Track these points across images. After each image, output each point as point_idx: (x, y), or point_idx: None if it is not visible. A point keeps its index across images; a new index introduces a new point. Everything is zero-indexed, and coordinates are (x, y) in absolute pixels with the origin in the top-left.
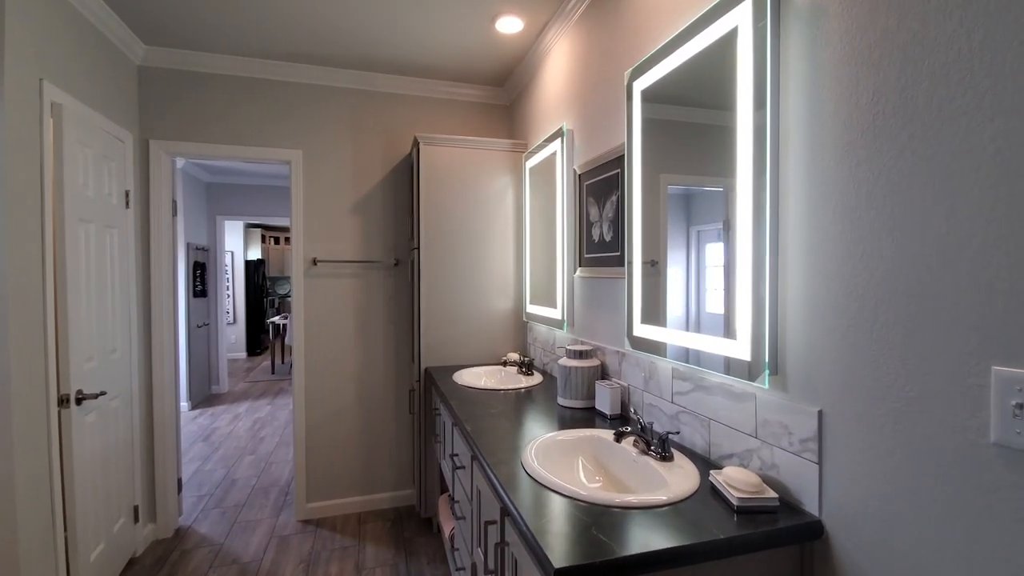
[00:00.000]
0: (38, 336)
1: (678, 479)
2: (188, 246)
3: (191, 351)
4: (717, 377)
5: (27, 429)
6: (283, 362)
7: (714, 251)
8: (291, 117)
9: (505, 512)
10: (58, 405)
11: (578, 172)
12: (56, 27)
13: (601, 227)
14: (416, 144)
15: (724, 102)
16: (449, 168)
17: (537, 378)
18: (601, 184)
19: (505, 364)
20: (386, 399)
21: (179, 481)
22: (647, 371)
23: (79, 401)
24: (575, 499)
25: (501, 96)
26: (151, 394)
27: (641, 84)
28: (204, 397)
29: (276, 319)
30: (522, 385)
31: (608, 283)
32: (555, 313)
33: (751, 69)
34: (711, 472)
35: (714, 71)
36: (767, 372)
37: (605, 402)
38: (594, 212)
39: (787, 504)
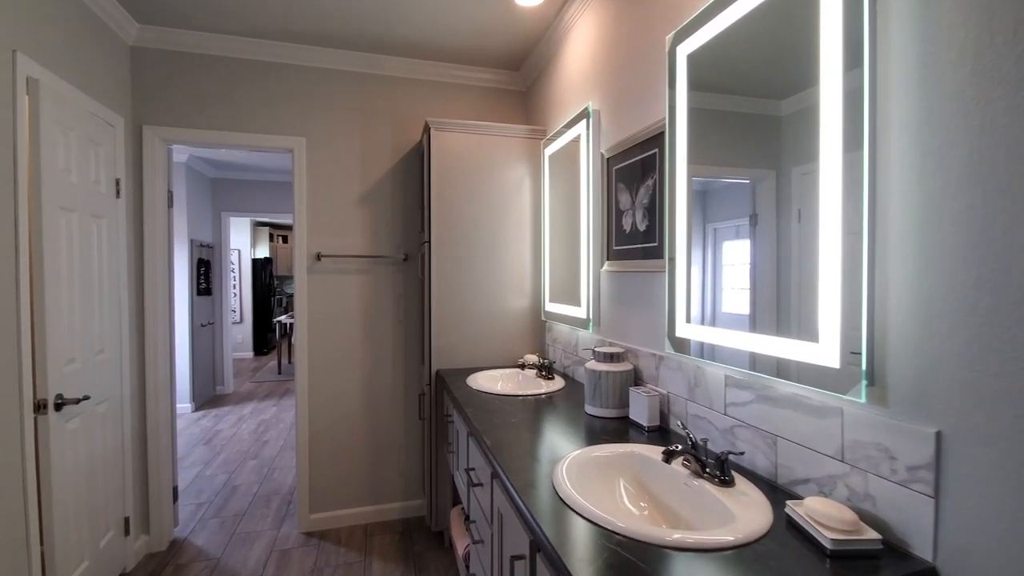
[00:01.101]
0: (10, 336)
1: (746, 511)
2: (192, 243)
3: (195, 351)
4: (789, 387)
5: None
6: (290, 362)
7: (734, 249)
8: (294, 102)
9: (536, 547)
10: (34, 411)
11: (606, 156)
12: None
13: (633, 216)
14: (427, 130)
15: (790, 69)
16: (462, 156)
17: (559, 382)
18: (634, 168)
19: (523, 367)
20: (394, 403)
21: (175, 490)
22: (692, 377)
23: (59, 407)
24: (624, 536)
25: (516, 81)
26: (144, 397)
27: (687, 48)
28: (208, 398)
29: (283, 318)
30: (543, 390)
31: (642, 278)
32: (579, 312)
33: (839, 19)
34: (787, 503)
35: (778, 29)
36: (864, 383)
37: (641, 412)
38: (625, 199)
39: (889, 546)
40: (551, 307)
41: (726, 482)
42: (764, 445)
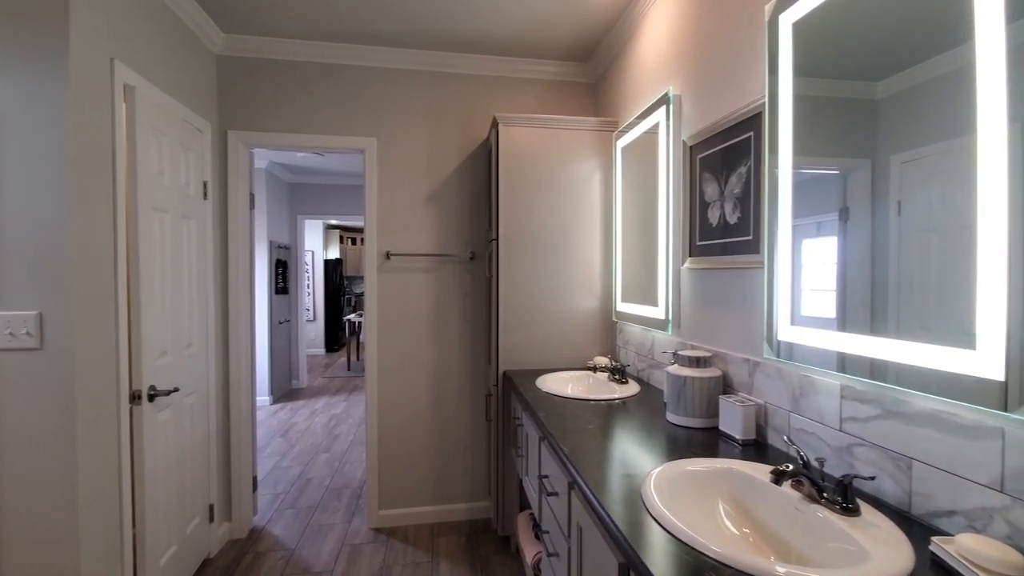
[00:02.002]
0: (109, 330)
1: (880, 547)
2: (271, 244)
3: (273, 347)
4: (929, 401)
5: (95, 427)
6: (358, 359)
7: (813, 248)
8: (365, 103)
9: (628, 570)
10: (130, 402)
11: (689, 144)
12: (129, 6)
13: (722, 207)
14: (495, 125)
15: (914, 35)
16: (530, 151)
17: (632, 387)
18: (723, 155)
19: (594, 370)
20: (460, 403)
21: (254, 479)
22: (797, 387)
23: (151, 398)
24: (733, 568)
25: (585, 72)
26: (228, 390)
27: (792, 14)
28: (285, 392)
29: (352, 317)
30: (616, 395)
31: (732, 275)
32: (655, 312)
33: None
34: (933, 540)
35: None
36: None
37: (734, 423)
38: (711, 190)
39: None
40: (623, 307)
41: (849, 510)
42: (894, 468)
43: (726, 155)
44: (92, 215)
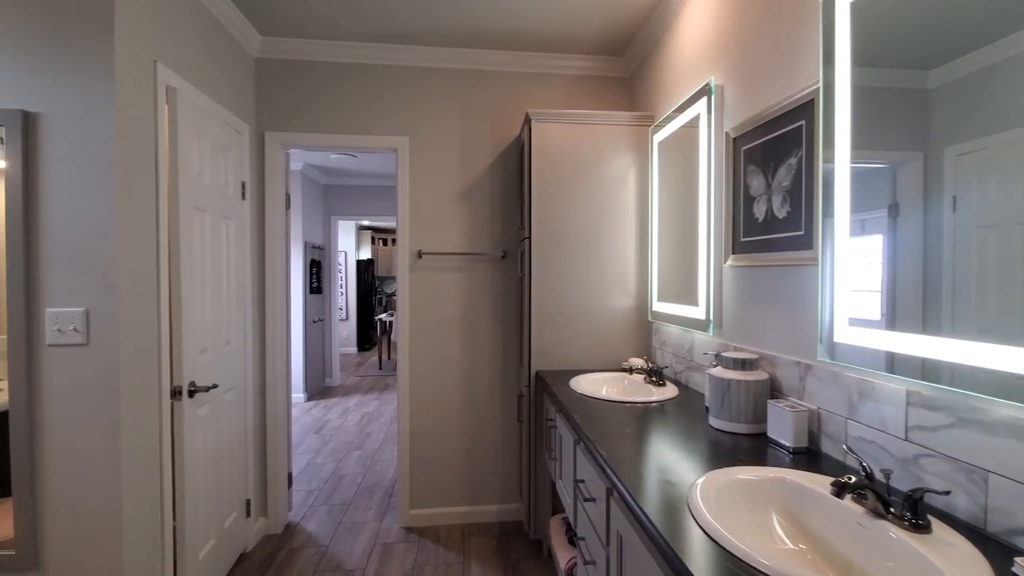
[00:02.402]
0: (151, 327)
1: (955, 567)
2: (306, 244)
3: (307, 345)
4: (1011, 409)
5: (137, 422)
6: (389, 358)
7: (858, 246)
8: (397, 103)
9: None
10: (171, 397)
11: (732, 136)
12: (171, 9)
13: (769, 201)
14: (527, 121)
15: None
16: (563, 147)
17: (671, 389)
18: (770, 146)
19: (630, 371)
20: (492, 404)
21: (289, 476)
22: (855, 392)
23: (191, 393)
24: None
25: (619, 67)
26: (264, 388)
27: None
28: (319, 389)
29: (383, 316)
30: (653, 398)
31: (780, 273)
32: (695, 312)
33: None
34: (1017, 561)
35: None
36: None
37: (784, 429)
38: (757, 183)
39: None
40: (659, 307)
41: (920, 527)
42: (967, 482)
43: (774, 146)
44: (135, 214)
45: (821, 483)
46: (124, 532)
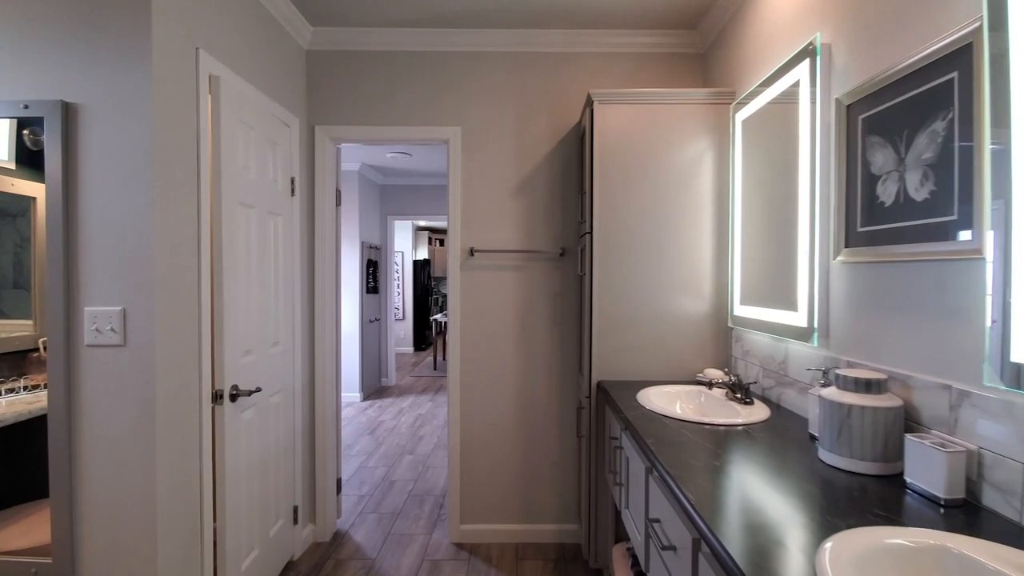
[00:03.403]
0: (191, 328)
1: None
2: (362, 244)
3: (363, 345)
4: None
5: (175, 427)
6: (444, 359)
7: None
8: (449, 91)
9: None
10: (212, 401)
11: (844, 103)
12: None
13: (902, 180)
14: (589, 104)
15: None
16: (629, 131)
17: (760, 410)
18: (902, 110)
19: (709, 386)
20: (548, 414)
21: (339, 481)
22: None
23: (233, 397)
24: None
25: (692, 41)
26: (313, 390)
27: None
28: (374, 389)
29: (439, 316)
30: (740, 420)
31: (917, 269)
32: (792, 318)
33: None
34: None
35: None
36: None
37: (932, 474)
38: (883, 158)
39: None
40: (743, 311)
41: None
42: None
43: (907, 110)
44: (174, 209)
45: (1003, 559)
46: (160, 542)
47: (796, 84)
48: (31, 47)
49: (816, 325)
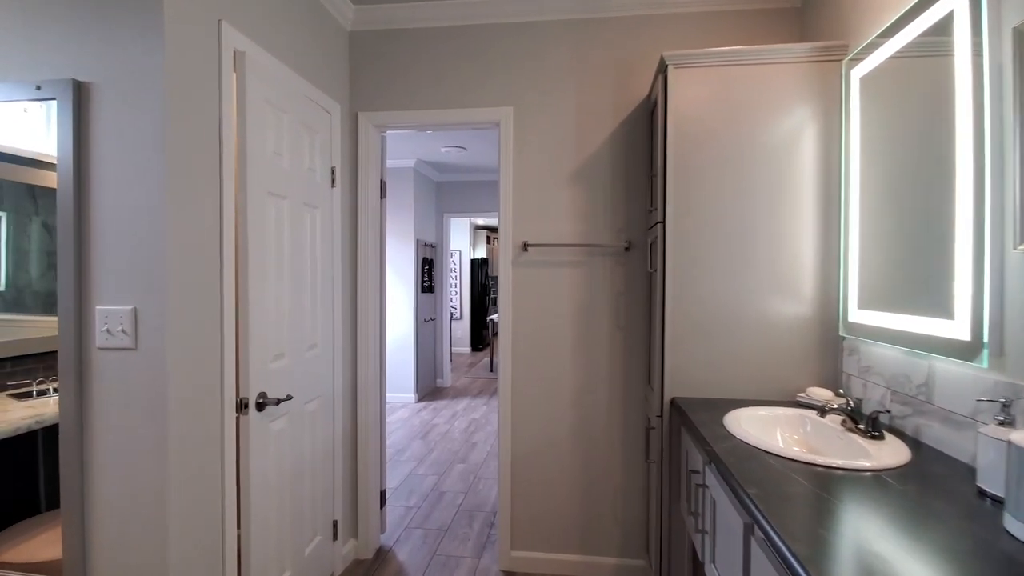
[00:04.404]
0: (211, 330)
1: None
2: (418, 242)
3: (418, 345)
4: None
5: (191, 439)
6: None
7: None
8: (500, 68)
9: None
10: (236, 411)
11: None
12: None
13: None
14: (662, 70)
15: None
16: (710, 100)
17: (895, 448)
18: None
19: (822, 411)
20: (611, 432)
21: (383, 493)
22: None
23: (260, 406)
24: None
25: None
26: (356, 397)
27: None
28: (429, 390)
29: (495, 316)
30: (868, 463)
31: None
32: (947, 328)
33: None
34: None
35: None
36: None
37: None
38: None
39: None
40: (861, 317)
41: None
42: None
43: None
44: (192, 198)
45: None
46: (171, 567)
47: (948, 16)
48: (42, 23)
49: (986, 339)
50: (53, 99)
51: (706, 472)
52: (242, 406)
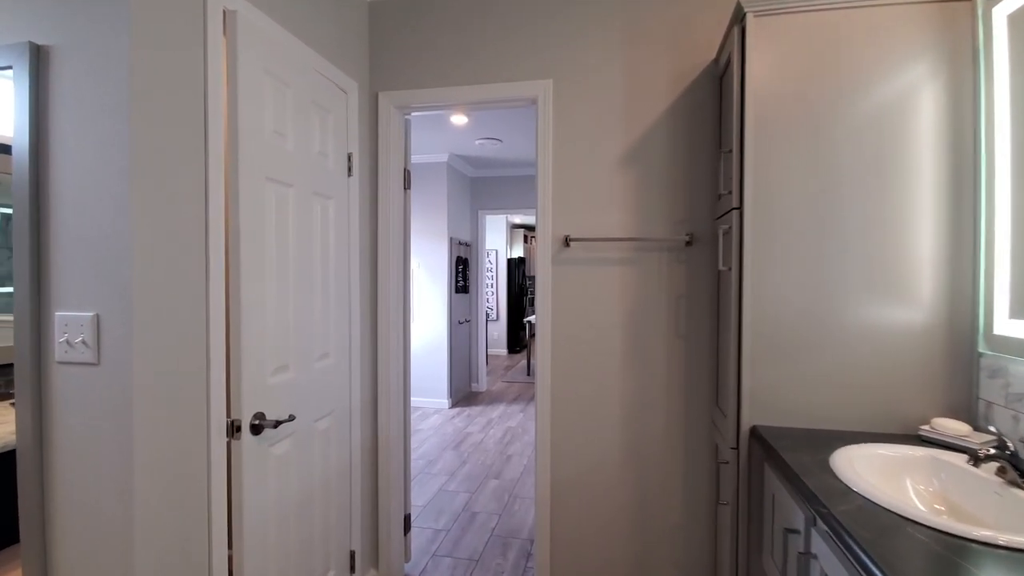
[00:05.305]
0: (194, 341)
1: None
2: (451, 241)
3: (452, 347)
4: None
5: (168, 470)
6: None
7: None
8: (537, 35)
9: None
10: (227, 435)
11: None
12: None
13: None
14: (738, 21)
15: None
16: (799, 55)
17: None
18: None
19: (975, 457)
20: (668, 461)
21: (407, 518)
22: None
23: (256, 428)
24: None
25: None
26: (376, 411)
27: None
28: (464, 395)
29: (532, 318)
30: None
31: None
32: None
33: None
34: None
35: None
36: None
37: None
38: None
39: None
40: (1016, 328)
41: None
42: None
43: None
44: (167, 183)
45: None
46: None
47: None
48: None
49: None
50: (9, 68)
51: (812, 536)
52: (234, 430)
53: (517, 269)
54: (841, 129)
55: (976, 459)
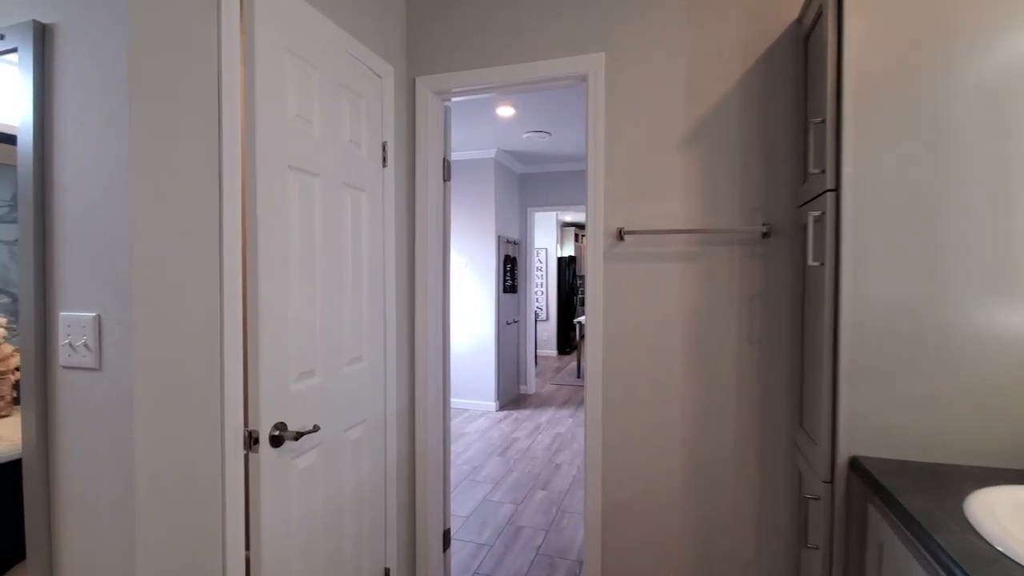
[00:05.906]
0: (206, 344)
1: None
2: (499, 239)
3: (500, 348)
4: None
5: (175, 488)
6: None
7: None
8: (588, 5)
9: None
10: (245, 447)
11: None
12: None
13: None
14: None
15: None
16: (911, 8)
17: None
18: None
19: None
20: (739, 489)
21: (446, 534)
22: None
23: (277, 440)
24: None
25: None
26: (413, 419)
27: None
28: (512, 397)
29: (582, 319)
30: None
31: None
32: None
33: None
34: None
35: None
36: None
37: None
38: None
39: None
40: None
41: None
42: None
43: None
44: (175, 170)
45: None
46: None
47: None
48: None
49: None
50: (15, 50)
51: None
52: (251, 441)
53: (568, 268)
54: (959, 93)
55: None
